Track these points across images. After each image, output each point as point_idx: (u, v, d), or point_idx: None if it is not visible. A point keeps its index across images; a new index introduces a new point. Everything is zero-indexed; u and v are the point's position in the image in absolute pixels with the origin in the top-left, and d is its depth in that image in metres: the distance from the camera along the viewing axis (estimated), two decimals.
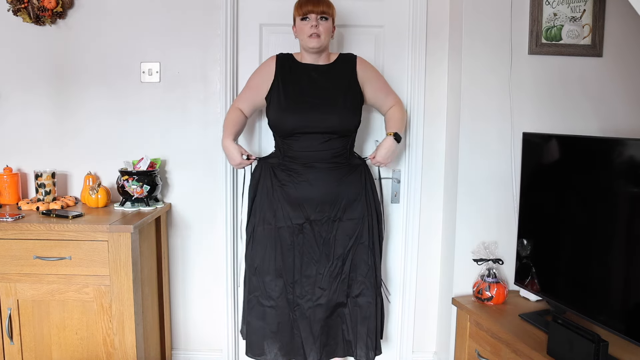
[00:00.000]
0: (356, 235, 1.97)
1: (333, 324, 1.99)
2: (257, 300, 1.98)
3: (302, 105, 1.91)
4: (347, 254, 1.96)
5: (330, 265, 1.95)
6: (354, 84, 1.99)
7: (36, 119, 2.30)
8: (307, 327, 1.95)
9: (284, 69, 1.98)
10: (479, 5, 2.07)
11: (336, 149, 1.93)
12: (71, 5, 2.23)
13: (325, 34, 1.91)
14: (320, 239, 1.96)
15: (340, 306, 1.98)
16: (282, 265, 1.96)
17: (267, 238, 1.97)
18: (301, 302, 1.96)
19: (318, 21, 1.89)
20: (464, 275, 2.18)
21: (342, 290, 1.96)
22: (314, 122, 1.89)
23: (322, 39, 1.90)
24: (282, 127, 1.93)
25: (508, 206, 2.16)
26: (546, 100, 2.12)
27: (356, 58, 2.03)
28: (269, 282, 1.96)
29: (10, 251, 1.88)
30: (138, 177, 2.12)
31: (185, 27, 2.27)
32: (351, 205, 1.97)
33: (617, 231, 1.62)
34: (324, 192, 1.93)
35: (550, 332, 1.61)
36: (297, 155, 1.93)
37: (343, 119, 1.92)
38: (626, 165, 1.59)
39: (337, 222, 1.96)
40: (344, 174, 1.96)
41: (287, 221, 1.95)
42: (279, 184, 1.96)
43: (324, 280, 1.95)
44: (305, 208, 1.94)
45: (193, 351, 2.45)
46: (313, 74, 1.97)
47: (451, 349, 2.22)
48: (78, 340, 1.94)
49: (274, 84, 1.97)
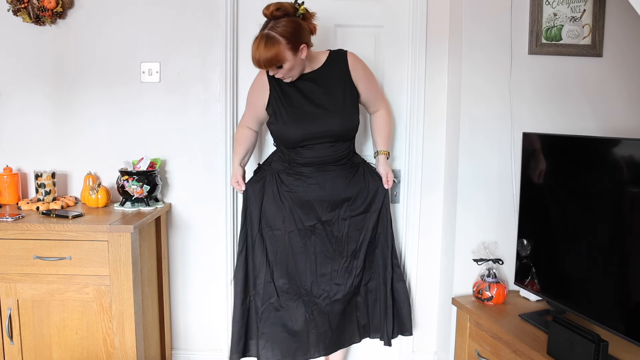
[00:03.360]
0: (366, 227, 2.02)
1: (348, 313, 2.04)
2: (273, 307, 1.99)
3: (304, 117, 1.91)
4: (360, 247, 2.01)
5: (344, 261, 1.99)
6: (348, 82, 1.97)
7: (36, 119, 2.30)
8: (326, 323, 1.98)
9: (278, 82, 1.94)
10: (479, 5, 2.07)
11: (341, 151, 1.96)
12: (71, 5, 2.23)
13: (289, 71, 1.84)
14: (332, 237, 1.99)
15: (354, 296, 2.04)
16: (295, 269, 1.98)
17: (278, 243, 1.98)
18: (318, 300, 1.98)
19: (275, 70, 1.83)
20: (464, 275, 2.18)
21: (357, 283, 2.02)
22: (319, 133, 1.91)
23: (294, 73, 1.86)
24: (287, 140, 1.93)
25: (508, 206, 2.16)
26: (546, 100, 2.12)
27: (347, 54, 1.99)
28: (283, 285, 1.98)
29: (10, 251, 1.88)
30: (138, 177, 2.12)
31: (186, 27, 2.27)
32: (358, 201, 2.01)
33: (617, 231, 1.62)
34: (334, 193, 1.96)
35: (550, 332, 1.61)
36: (306, 162, 1.95)
37: (345, 123, 1.94)
38: (626, 165, 1.59)
39: (348, 220, 2.00)
40: (349, 173, 2.00)
41: (298, 224, 1.97)
42: (286, 189, 1.98)
43: (339, 276, 1.99)
44: (316, 209, 1.97)
45: (193, 351, 2.45)
46: (307, 82, 1.95)
47: (451, 349, 2.22)
48: (78, 340, 1.94)
49: (271, 97, 1.96)
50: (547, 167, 1.90)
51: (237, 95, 2.32)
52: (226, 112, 2.28)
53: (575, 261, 1.77)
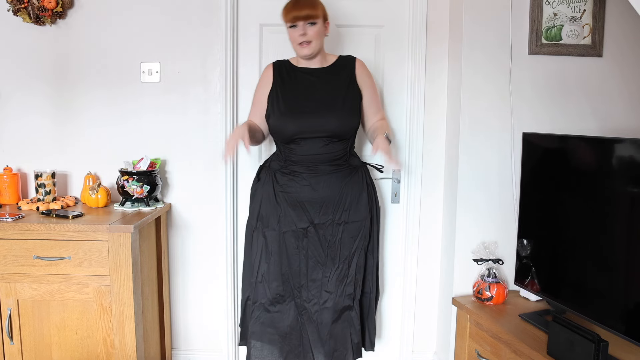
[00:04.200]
0: (360, 237, 1.97)
1: (340, 329, 1.97)
2: (264, 307, 1.97)
3: (301, 110, 1.91)
4: (352, 256, 1.96)
5: (336, 268, 1.95)
6: (353, 84, 1.98)
7: (36, 119, 2.30)
8: (314, 331, 1.94)
9: (281, 75, 1.98)
10: (479, 5, 2.07)
11: (336, 151, 1.93)
12: (71, 5, 2.23)
13: (316, 38, 1.88)
14: (325, 242, 1.96)
15: (347, 309, 1.97)
16: (289, 270, 1.96)
17: (272, 243, 1.96)
18: (308, 305, 1.95)
19: (306, 28, 1.87)
20: (464, 275, 2.18)
21: (348, 292, 1.96)
22: (313, 127, 1.89)
23: (313, 45, 1.89)
24: (282, 132, 1.93)
25: (508, 206, 2.16)
26: (546, 100, 2.12)
27: (355, 60, 2.02)
28: (276, 287, 1.96)
29: (10, 251, 1.88)
30: (138, 177, 2.12)
31: (185, 27, 2.27)
32: (354, 207, 1.96)
33: (617, 231, 1.62)
34: (326, 194, 1.93)
35: (550, 332, 1.61)
36: (299, 159, 1.94)
37: (342, 122, 1.92)
38: (626, 165, 1.59)
39: (342, 225, 1.96)
40: (345, 176, 1.96)
41: (291, 225, 1.95)
42: (280, 189, 1.96)
43: (330, 283, 1.95)
44: (309, 211, 1.95)
45: (193, 351, 2.45)
46: (310, 77, 1.96)
47: (451, 349, 2.22)
48: (78, 340, 1.94)
49: (272, 89, 1.97)
50: (547, 167, 1.90)
51: (237, 96, 2.32)
52: (226, 112, 2.28)
53: (575, 261, 1.77)
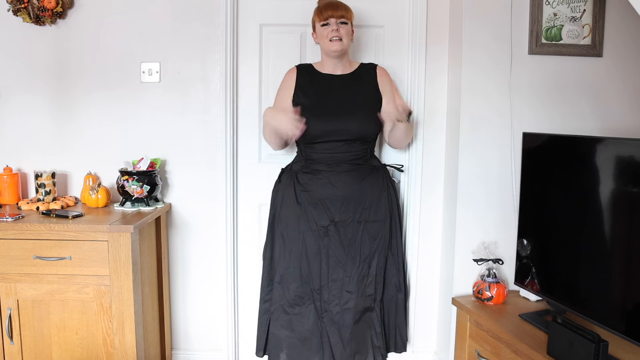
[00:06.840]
0: (380, 237, 2.00)
1: (361, 330, 1.99)
2: (283, 309, 1.98)
3: (323, 113, 1.95)
4: (373, 256, 1.99)
5: (356, 267, 1.97)
6: (375, 90, 2.03)
7: (36, 119, 2.30)
8: (336, 333, 1.95)
9: (304, 79, 2.02)
10: (479, 5, 2.07)
11: (357, 152, 1.99)
12: (71, 5, 2.23)
13: (346, 37, 1.96)
14: (345, 240, 1.98)
15: (367, 311, 1.99)
16: (308, 271, 1.97)
17: (292, 244, 1.98)
18: (329, 307, 1.96)
19: (338, 25, 1.94)
20: (464, 275, 2.18)
21: (369, 293, 1.98)
22: (334, 130, 1.94)
23: (344, 42, 1.95)
24: (305, 134, 1.94)
25: (508, 206, 2.16)
26: (546, 100, 2.12)
27: (376, 67, 2.09)
28: (295, 289, 1.97)
29: (10, 251, 1.88)
30: (138, 177, 2.12)
31: (185, 27, 2.27)
32: (374, 206, 2.00)
33: (617, 231, 1.62)
34: (346, 191, 1.97)
35: (550, 332, 1.61)
36: (319, 157, 1.98)
37: (362, 126, 1.96)
38: (626, 165, 1.59)
39: (363, 224, 1.98)
40: (365, 174, 2.00)
41: (311, 224, 1.97)
42: (302, 189, 1.99)
43: (351, 283, 1.96)
44: (329, 208, 1.97)
45: (193, 351, 2.45)
46: (334, 82, 2.01)
47: (451, 349, 2.22)
48: (78, 340, 1.94)
49: (296, 90, 2.01)
50: (547, 167, 1.90)
51: (237, 96, 2.32)
52: (226, 112, 2.28)
53: (575, 261, 1.77)
